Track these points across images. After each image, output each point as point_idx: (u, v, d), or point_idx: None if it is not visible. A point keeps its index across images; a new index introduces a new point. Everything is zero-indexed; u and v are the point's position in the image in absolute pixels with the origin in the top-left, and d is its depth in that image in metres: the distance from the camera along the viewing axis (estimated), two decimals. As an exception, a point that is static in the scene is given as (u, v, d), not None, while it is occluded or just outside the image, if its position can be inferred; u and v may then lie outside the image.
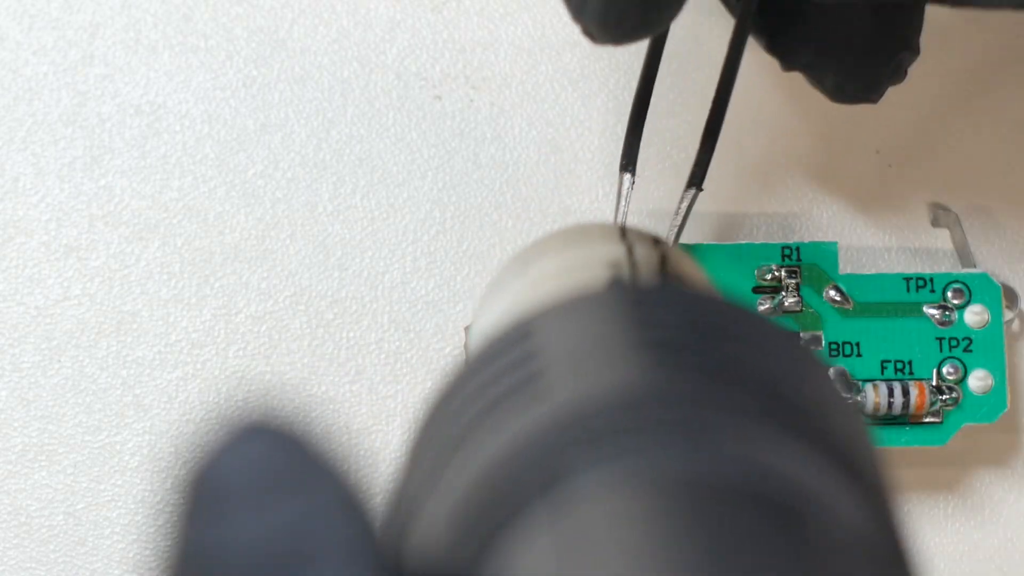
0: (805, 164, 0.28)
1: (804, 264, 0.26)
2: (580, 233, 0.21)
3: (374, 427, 0.28)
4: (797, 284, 0.26)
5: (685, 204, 0.25)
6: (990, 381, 0.26)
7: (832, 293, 0.26)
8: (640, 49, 0.24)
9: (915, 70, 0.29)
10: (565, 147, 0.28)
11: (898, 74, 0.23)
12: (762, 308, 0.26)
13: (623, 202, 0.25)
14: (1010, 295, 0.27)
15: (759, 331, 0.15)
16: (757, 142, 0.28)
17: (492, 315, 0.20)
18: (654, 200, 0.28)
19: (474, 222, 0.28)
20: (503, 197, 0.28)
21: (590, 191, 0.28)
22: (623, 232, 0.21)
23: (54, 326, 0.27)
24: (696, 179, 0.25)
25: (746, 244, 0.26)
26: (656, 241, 0.22)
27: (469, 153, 0.28)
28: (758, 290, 0.26)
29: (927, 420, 0.26)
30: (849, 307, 0.26)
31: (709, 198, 0.26)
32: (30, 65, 0.28)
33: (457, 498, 0.14)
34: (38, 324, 0.27)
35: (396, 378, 0.28)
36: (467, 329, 0.26)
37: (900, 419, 0.26)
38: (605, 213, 0.28)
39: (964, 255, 0.27)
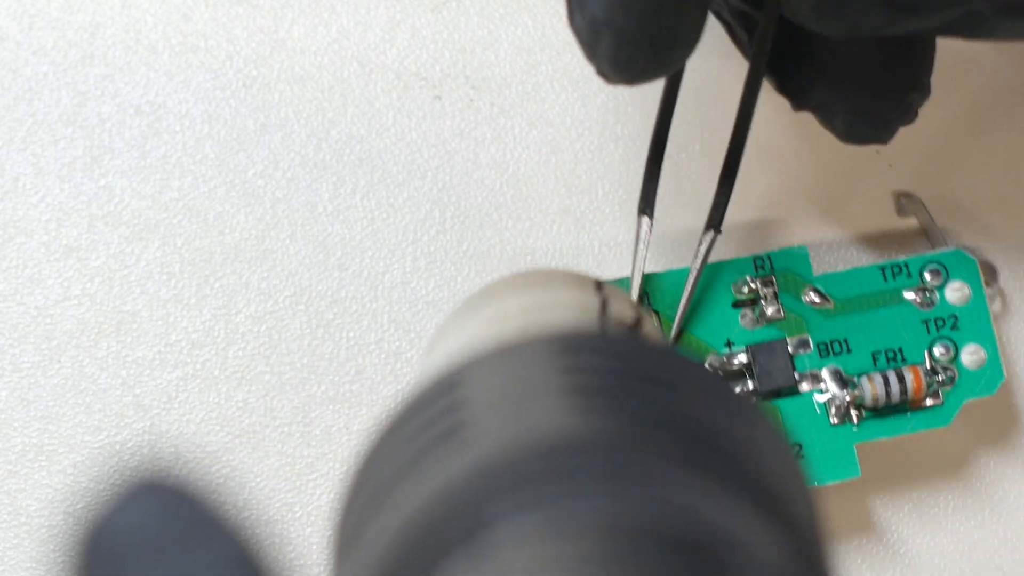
0: (804, 164, 0.28)
1: (778, 271, 0.26)
2: (549, 276, 0.22)
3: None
4: (775, 292, 0.26)
5: (704, 247, 0.25)
6: (982, 354, 0.26)
7: (811, 295, 0.26)
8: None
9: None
10: (565, 147, 0.28)
11: (908, 115, 0.23)
12: (744, 320, 0.26)
13: (642, 245, 0.25)
14: (988, 270, 0.27)
15: (691, 378, 0.15)
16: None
17: (439, 355, 0.20)
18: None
19: (474, 222, 0.28)
20: (503, 197, 0.28)
21: (590, 191, 0.28)
22: (599, 285, 0.21)
23: (54, 326, 0.27)
24: (714, 222, 0.25)
25: (717, 262, 0.26)
26: (629, 300, 0.22)
27: (469, 153, 0.28)
28: (738, 304, 0.26)
29: (928, 404, 0.26)
30: (830, 306, 0.26)
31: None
32: (30, 65, 0.28)
33: (379, 552, 0.14)
34: (38, 324, 0.27)
35: (396, 378, 0.28)
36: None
37: (900, 407, 0.26)
38: (605, 213, 0.28)
39: (934, 237, 0.27)
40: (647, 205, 0.25)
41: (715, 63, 0.27)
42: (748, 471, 0.14)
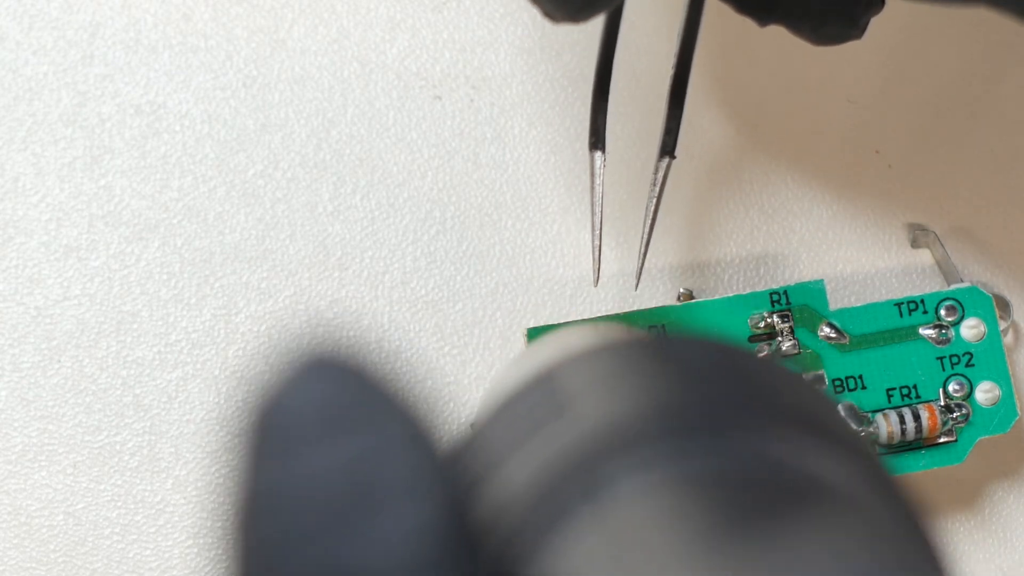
0: (804, 163, 0.28)
1: (794, 306, 0.26)
2: (561, 335, 0.22)
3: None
4: (791, 327, 0.26)
5: (661, 175, 0.25)
6: (997, 392, 0.26)
7: (827, 330, 0.26)
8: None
9: (916, 70, 0.29)
10: (565, 147, 0.28)
11: (875, 4, 0.23)
12: (761, 356, 0.26)
13: (597, 181, 0.25)
14: (1002, 304, 0.27)
15: (753, 359, 0.17)
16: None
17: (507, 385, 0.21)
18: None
19: (474, 222, 0.28)
20: (503, 197, 0.28)
21: (590, 191, 0.28)
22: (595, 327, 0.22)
23: (54, 326, 0.27)
24: (668, 147, 0.24)
25: (735, 296, 0.26)
26: (618, 329, 0.23)
27: (469, 153, 0.28)
28: (754, 339, 0.26)
29: (941, 441, 0.26)
30: (846, 342, 0.26)
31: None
32: (30, 65, 0.28)
33: (501, 510, 0.14)
34: (38, 324, 0.27)
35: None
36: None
37: (915, 444, 0.26)
38: (605, 213, 0.28)
39: (948, 272, 0.27)
40: (598, 140, 0.24)
41: None
42: (818, 419, 0.15)
